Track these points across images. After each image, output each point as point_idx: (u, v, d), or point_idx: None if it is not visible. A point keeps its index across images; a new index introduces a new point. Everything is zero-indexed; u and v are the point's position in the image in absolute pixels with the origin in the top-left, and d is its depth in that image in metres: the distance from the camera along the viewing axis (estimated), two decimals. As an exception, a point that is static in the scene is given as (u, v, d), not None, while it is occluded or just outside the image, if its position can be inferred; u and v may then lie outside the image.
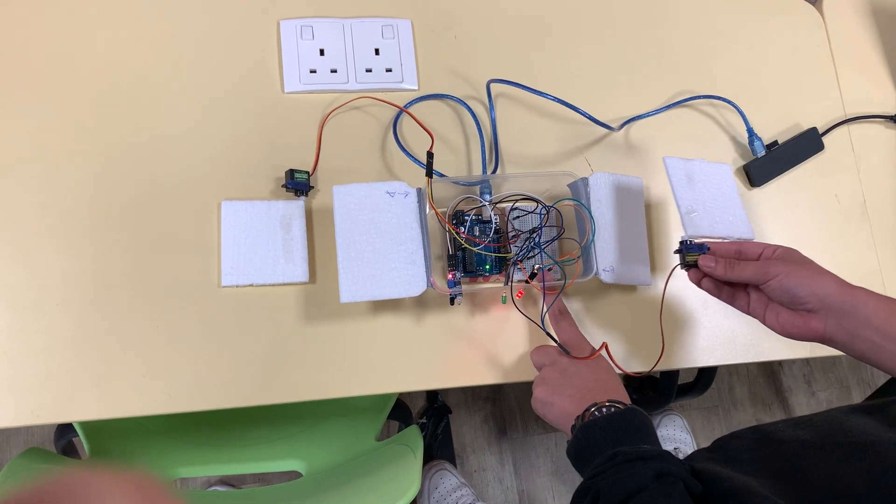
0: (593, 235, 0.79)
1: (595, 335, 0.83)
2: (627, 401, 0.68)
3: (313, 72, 0.85)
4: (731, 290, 0.73)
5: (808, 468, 0.60)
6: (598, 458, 0.61)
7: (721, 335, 0.86)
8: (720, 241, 0.76)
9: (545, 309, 0.78)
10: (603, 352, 0.76)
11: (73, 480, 0.37)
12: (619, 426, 0.64)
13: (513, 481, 1.57)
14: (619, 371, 0.81)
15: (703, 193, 0.83)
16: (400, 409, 1.06)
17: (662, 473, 0.57)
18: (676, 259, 0.76)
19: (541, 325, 0.79)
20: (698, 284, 0.74)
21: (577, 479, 0.62)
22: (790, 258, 0.70)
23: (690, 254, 0.74)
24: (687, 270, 0.75)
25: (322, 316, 0.79)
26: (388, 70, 0.87)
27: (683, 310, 0.86)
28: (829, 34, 0.99)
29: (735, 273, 0.70)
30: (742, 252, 0.72)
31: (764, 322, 0.70)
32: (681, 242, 0.76)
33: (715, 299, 0.74)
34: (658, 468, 0.57)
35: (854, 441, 0.60)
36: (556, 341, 0.77)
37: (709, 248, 0.75)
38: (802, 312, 0.67)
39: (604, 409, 0.66)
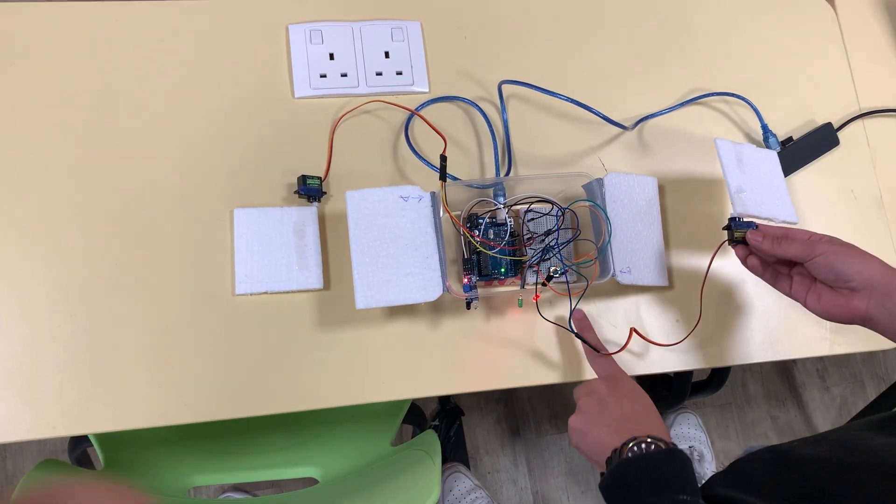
0: (609, 237, 0.79)
1: (612, 337, 0.83)
2: (667, 436, 0.66)
3: (323, 76, 0.85)
4: (774, 271, 0.74)
5: (835, 491, 0.58)
6: None
7: (739, 335, 0.85)
8: (767, 222, 0.78)
9: (572, 309, 0.77)
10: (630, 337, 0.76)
11: (55, 490, 0.37)
12: (660, 468, 0.62)
13: (527, 482, 1.56)
14: (653, 344, 0.81)
15: (751, 175, 0.82)
16: (414, 413, 1.06)
17: None
18: (724, 236, 0.78)
19: (570, 328, 0.78)
20: (744, 262, 0.76)
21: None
22: (836, 241, 0.71)
23: (739, 230, 0.76)
24: (734, 246, 0.77)
25: (337, 322, 0.78)
26: (399, 73, 0.86)
27: (703, 309, 0.85)
28: (842, 28, 0.98)
29: (782, 249, 0.72)
30: (789, 234, 0.73)
31: (805, 304, 0.71)
32: (730, 219, 0.77)
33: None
34: None
35: (886, 462, 0.59)
36: (581, 339, 0.77)
37: (756, 226, 0.76)
38: (845, 292, 0.68)
39: (643, 446, 0.63)
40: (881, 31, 0.99)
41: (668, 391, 1.44)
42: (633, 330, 0.78)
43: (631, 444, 0.64)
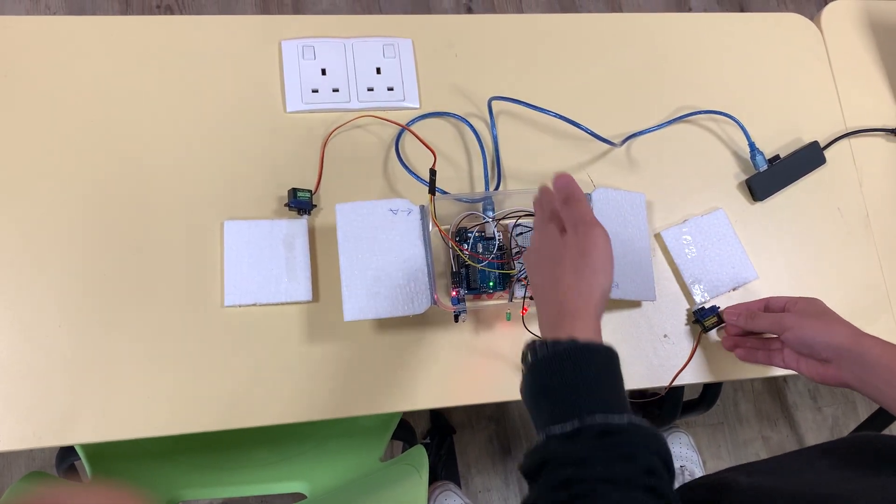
0: (597, 251, 0.79)
1: (600, 351, 0.83)
2: (599, 334, 0.62)
3: (315, 91, 0.86)
4: (766, 352, 0.78)
5: None
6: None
7: (728, 352, 0.85)
8: (731, 293, 0.86)
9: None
10: None
11: (46, 494, 0.37)
12: (586, 378, 0.57)
13: (518, 502, 1.55)
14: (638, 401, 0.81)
15: (702, 252, 0.87)
16: (404, 430, 1.06)
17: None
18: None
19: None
20: (733, 350, 0.81)
21: None
22: (808, 310, 0.74)
23: (707, 318, 0.83)
24: (706, 333, 0.84)
25: (326, 335, 0.78)
26: (390, 89, 0.87)
27: (687, 326, 0.86)
28: (827, 48, 1.00)
29: (755, 323, 0.77)
30: (768, 306, 0.78)
31: (802, 372, 0.75)
32: (694, 311, 0.84)
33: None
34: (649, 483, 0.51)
35: (820, 493, 0.58)
36: None
37: (719, 308, 0.82)
38: (822, 362, 0.71)
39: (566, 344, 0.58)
40: (866, 51, 1.01)
41: (659, 409, 1.44)
42: None
43: (557, 343, 0.59)
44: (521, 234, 0.82)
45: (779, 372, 0.82)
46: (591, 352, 0.58)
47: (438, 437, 1.52)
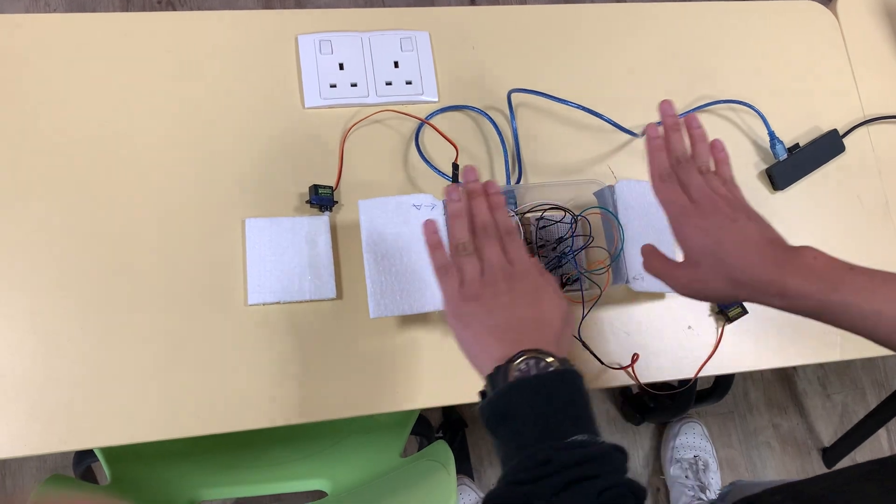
0: (622, 243, 0.79)
1: (625, 344, 0.82)
2: (563, 348, 0.58)
3: (333, 86, 0.85)
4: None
5: None
6: (525, 456, 0.51)
7: (751, 340, 0.85)
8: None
9: (584, 315, 0.77)
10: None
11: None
12: (549, 398, 0.53)
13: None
14: (637, 384, 0.81)
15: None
16: (421, 424, 1.05)
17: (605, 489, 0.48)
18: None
19: (577, 336, 0.78)
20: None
21: None
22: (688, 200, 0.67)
23: (731, 309, 0.84)
24: (729, 323, 0.85)
25: (351, 332, 0.78)
26: (408, 82, 0.86)
27: (710, 318, 0.85)
28: (844, 35, 0.99)
29: (662, 189, 0.67)
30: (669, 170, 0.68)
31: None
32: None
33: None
34: (601, 486, 0.48)
35: None
36: (596, 357, 0.77)
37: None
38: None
39: (531, 363, 0.55)
40: (882, 39, 1.00)
41: (671, 400, 1.44)
42: (635, 357, 0.81)
43: (518, 362, 0.55)
44: (545, 227, 0.82)
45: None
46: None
47: (451, 431, 1.51)
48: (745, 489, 1.05)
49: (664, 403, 1.49)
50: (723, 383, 1.38)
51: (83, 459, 0.98)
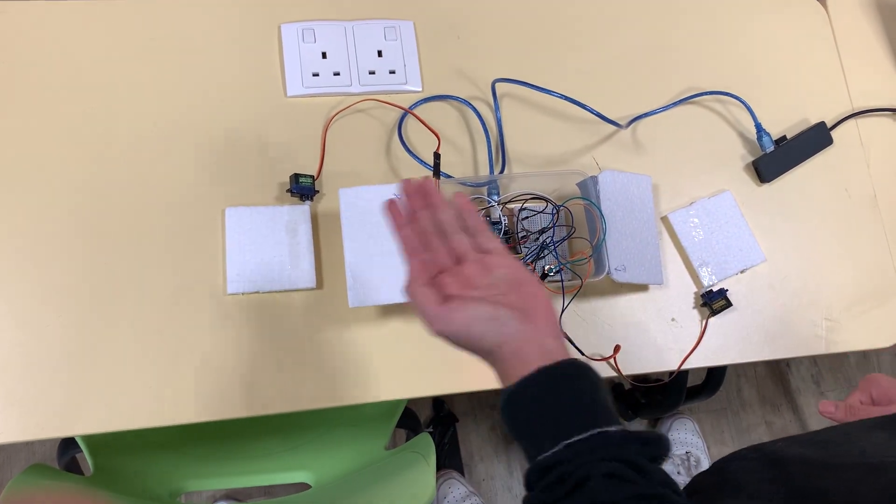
0: (604, 234, 0.78)
1: (608, 336, 0.82)
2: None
3: (316, 75, 0.84)
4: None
5: (825, 487, 0.57)
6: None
7: (735, 333, 0.85)
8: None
9: (564, 306, 0.77)
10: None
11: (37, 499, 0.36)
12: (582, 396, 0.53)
13: (521, 489, 1.54)
14: (620, 376, 0.80)
15: (710, 236, 0.86)
16: (408, 418, 1.05)
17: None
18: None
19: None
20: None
21: None
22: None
23: (715, 301, 0.83)
24: (713, 316, 0.84)
25: (330, 322, 0.77)
26: (392, 72, 0.86)
27: (695, 310, 0.85)
28: (833, 28, 0.99)
29: (856, 417, 0.71)
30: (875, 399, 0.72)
31: None
32: (702, 295, 0.84)
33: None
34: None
35: (871, 462, 0.57)
36: (578, 349, 0.77)
37: (727, 291, 0.83)
38: None
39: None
40: (872, 31, 0.99)
41: (662, 395, 1.44)
42: (617, 348, 0.81)
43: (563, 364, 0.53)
44: (527, 217, 0.81)
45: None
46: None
47: (441, 426, 1.51)
48: None
49: (655, 399, 1.48)
50: (714, 379, 1.37)
51: (67, 450, 0.98)
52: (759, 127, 0.90)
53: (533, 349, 0.54)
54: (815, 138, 0.92)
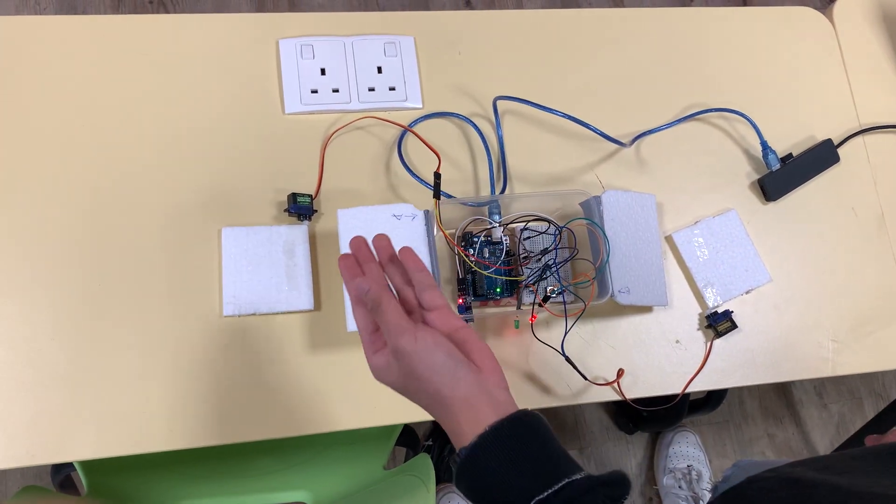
0: (608, 256, 0.77)
1: (611, 359, 0.81)
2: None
3: (314, 92, 0.83)
4: None
5: None
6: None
7: (740, 355, 0.83)
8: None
9: (567, 330, 0.76)
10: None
11: None
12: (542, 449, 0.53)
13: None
14: (624, 400, 0.79)
15: (715, 255, 0.85)
16: (407, 435, 1.03)
17: None
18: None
19: (561, 351, 0.76)
20: None
21: None
22: None
23: (720, 323, 0.82)
24: (718, 338, 0.83)
25: (329, 345, 0.76)
26: (392, 88, 0.84)
27: (699, 331, 0.83)
28: (840, 43, 0.97)
29: None
30: None
31: None
32: (707, 316, 0.83)
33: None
34: None
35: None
36: (580, 373, 0.75)
37: (732, 312, 0.82)
38: None
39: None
40: (879, 47, 0.98)
41: (665, 409, 1.42)
42: (621, 372, 0.79)
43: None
44: (529, 238, 0.80)
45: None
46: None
47: (440, 438, 1.50)
48: (749, 469, 1.02)
49: (658, 413, 1.47)
50: (716, 394, 1.36)
51: (61, 469, 0.96)
52: (764, 144, 0.89)
53: (483, 400, 0.54)
54: (822, 156, 0.91)
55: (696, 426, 1.63)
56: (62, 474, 0.97)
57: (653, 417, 1.49)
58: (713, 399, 1.37)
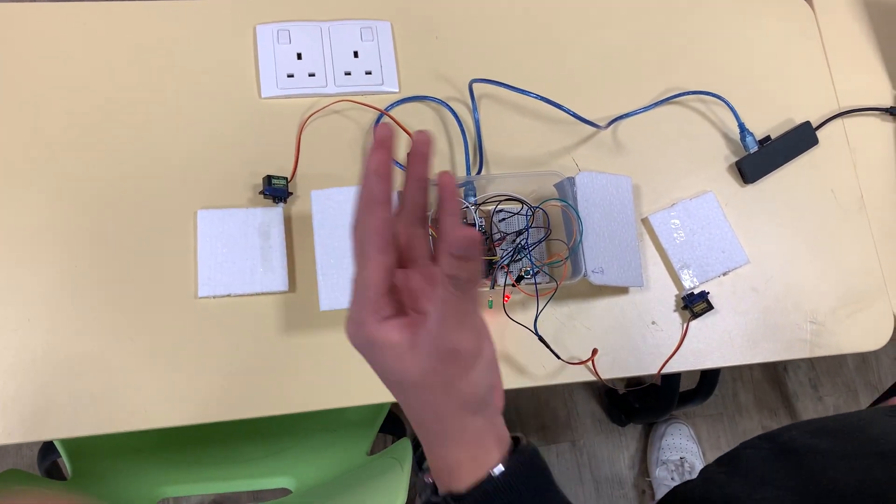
0: (581, 236, 0.77)
1: (587, 340, 0.81)
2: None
3: (291, 76, 0.83)
4: None
5: (836, 476, 0.56)
6: None
7: (717, 336, 0.83)
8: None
9: (539, 310, 0.76)
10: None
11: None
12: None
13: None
14: (599, 379, 0.79)
15: (691, 237, 0.85)
16: (392, 423, 1.04)
17: None
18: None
19: (533, 330, 0.76)
20: None
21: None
22: None
23: (696, 304, 0.81)
24: (695, 319, 0.82)
25: (303, 325, 0.76)
26: (368, 73, 0.85)
27: (676, 313, 0.83)
28: (820, 26, 0.97)
29: None
30: None
31: None
32: (683, 298, 0.82)
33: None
34: None
35: (884, 450, 0.56)
36: (554, 353, 0.76)
37: (708, 293, 0.81)
38: None
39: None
40: (859, 30, 0.98)
41: (655, 400, 1.42)
42: (595, 351, 0.79)
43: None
44: (504, 219, 0.80)
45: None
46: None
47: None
48: None
49: (649, 404, 1.47)
50: (708, 382, 1.36)
51: (47, 455, 0.97)
52: (742, 127, 0.89)
53: (492, 435, 0.46)
54: (801, 138, 0.91)
55: (689, 418, 1.62)
56: (48, 461, 0.98)
57: (644, 409, 1.49)
58: (704, 389, 1.37)
